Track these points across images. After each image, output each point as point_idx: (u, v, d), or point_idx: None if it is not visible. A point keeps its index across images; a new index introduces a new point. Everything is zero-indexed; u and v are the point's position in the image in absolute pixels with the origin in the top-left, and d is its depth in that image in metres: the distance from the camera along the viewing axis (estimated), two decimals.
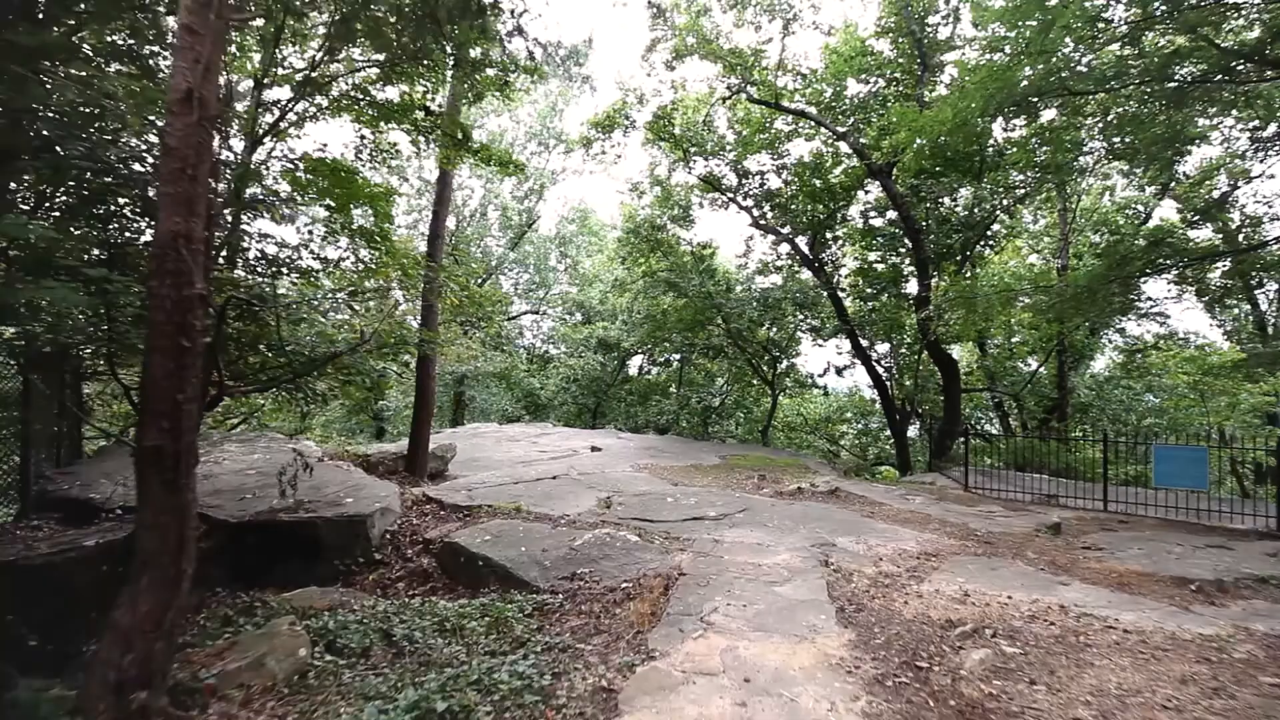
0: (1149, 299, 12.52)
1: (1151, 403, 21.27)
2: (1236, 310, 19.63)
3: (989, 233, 14.51)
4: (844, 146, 16.75)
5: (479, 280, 27.61)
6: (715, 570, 4.56)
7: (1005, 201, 13.21)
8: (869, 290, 16.55)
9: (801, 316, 16.18)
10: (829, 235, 17.50)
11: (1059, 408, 18.36)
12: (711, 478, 9.75)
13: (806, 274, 17.34)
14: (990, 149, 14.18)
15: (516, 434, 15.57)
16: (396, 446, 9.30)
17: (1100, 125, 10.64)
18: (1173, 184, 16.87)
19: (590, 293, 25.03)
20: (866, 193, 17.17)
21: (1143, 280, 10.91)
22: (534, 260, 29.64)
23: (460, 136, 7.41)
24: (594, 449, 13.23)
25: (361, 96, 6.29)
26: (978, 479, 11.13)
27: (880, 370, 17.14)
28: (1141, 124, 9.43)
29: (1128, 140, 10.18)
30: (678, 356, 23.14)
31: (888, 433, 23.69)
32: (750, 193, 17.42)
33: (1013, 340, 21.02)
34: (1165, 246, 10.49)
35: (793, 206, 16.99)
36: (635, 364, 27.19)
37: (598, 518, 6.10)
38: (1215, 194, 13.79)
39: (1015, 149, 13.57)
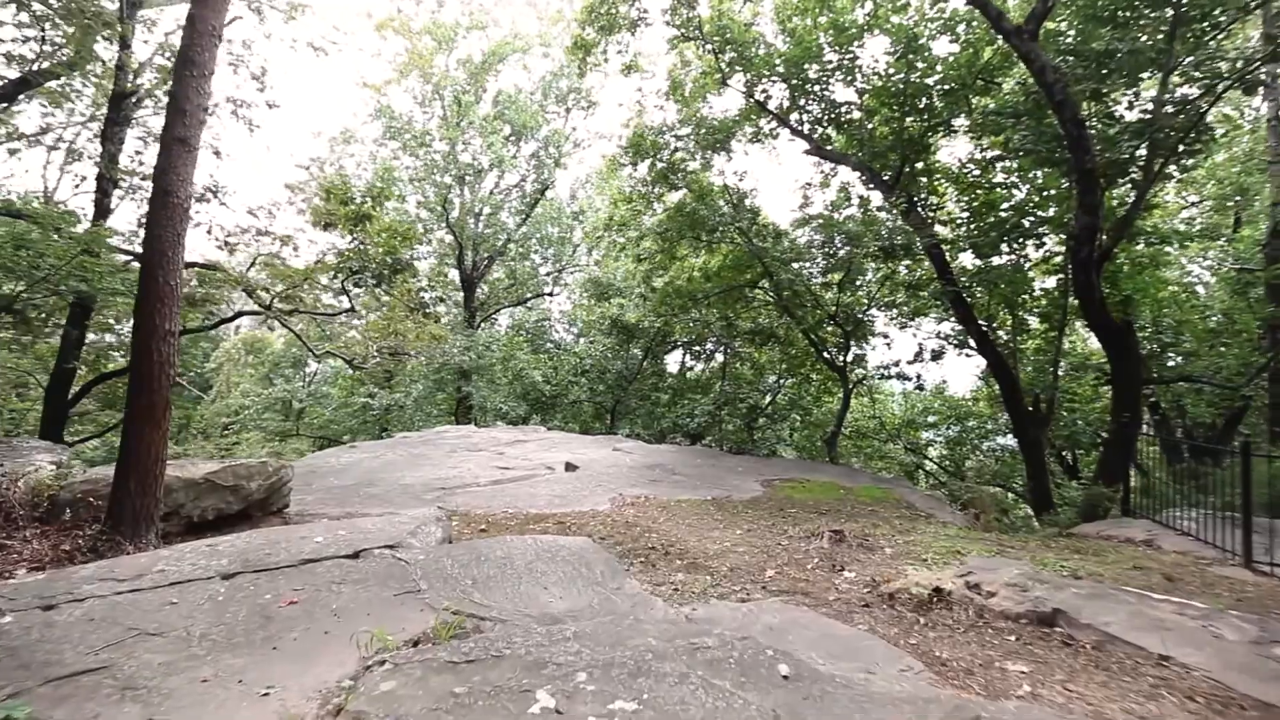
0: None
1: None
2: None
3: (1197, 132, 9.00)
4: (938, 47, 11.65)
5: (485, 256, 23.68)
6: None
7: (1235, 73, 7.78)
8: (986, 236, 11.26)
9: (885, 271, 11.13)
10: (920, 168, 12.33)
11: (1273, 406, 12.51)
12: (740, 535, 5.11)
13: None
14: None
15: (484, 441, 11.33)
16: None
17: None
18: None
19: (601, 259, 20.53)
20: (973, 108, 11.99)
21: None
22: (557, 236, 25.48)
23: None
24: (569, 467, 8.80)
25: None
26: (1224, 536, 5.91)
27: (1002, 352, 11.85)
28: None
29: None
30: (722, 348, 18.25)
31: (989, 443, 18.11)
32: (807, 109, 12.53)
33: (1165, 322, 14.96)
34: None
35: (868, 127, 12.02)
36: (675, 360, 22.43)
37: None
38: None
39: None
